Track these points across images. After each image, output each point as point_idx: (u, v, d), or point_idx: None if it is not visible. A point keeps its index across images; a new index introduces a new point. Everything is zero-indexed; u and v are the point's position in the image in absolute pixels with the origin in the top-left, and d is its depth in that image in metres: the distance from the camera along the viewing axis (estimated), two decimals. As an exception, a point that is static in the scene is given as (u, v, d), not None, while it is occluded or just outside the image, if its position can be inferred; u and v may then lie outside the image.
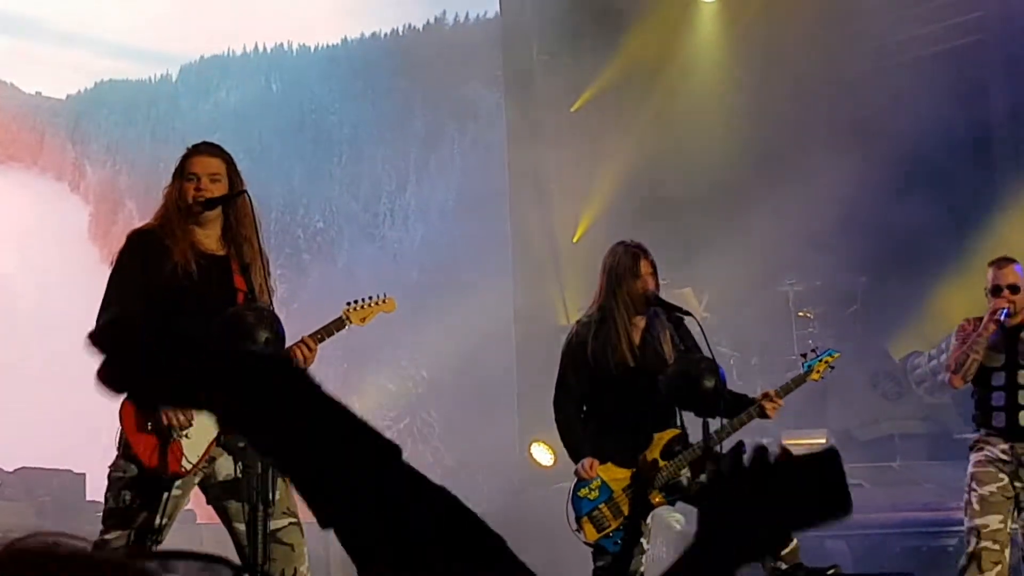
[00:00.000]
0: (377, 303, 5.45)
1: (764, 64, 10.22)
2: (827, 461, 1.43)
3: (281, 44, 12.51)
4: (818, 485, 1.44)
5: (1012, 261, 6.58)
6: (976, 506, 6.25)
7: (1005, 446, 6.34)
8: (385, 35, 13.19)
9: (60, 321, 8.82)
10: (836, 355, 6.41)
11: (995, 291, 6.29)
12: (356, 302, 5.46)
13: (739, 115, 10.12)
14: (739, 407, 5.84)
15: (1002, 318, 6.24)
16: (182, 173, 4.95)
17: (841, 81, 10.57)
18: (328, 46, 12.81)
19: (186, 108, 11.96)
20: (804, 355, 6.55)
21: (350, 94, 12.99)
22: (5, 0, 10.14)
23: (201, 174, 4.96)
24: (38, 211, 10.69)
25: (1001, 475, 6.29)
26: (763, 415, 5.89)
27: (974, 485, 6.29)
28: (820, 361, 6.31)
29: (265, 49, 12.47)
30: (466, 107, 12.20)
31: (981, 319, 6.38)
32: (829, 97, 10.24)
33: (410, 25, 13.10)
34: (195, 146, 5.10)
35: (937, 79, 9.77)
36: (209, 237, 5.01)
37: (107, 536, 4.66)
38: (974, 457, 6.40)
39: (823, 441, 9.12)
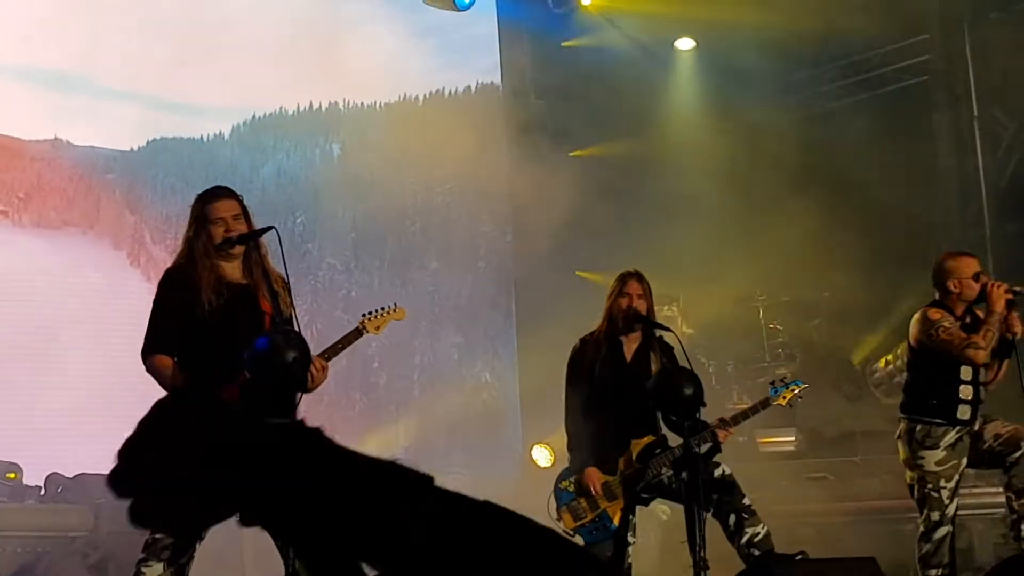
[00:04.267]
0: (389, 312, 5.55)
1: (736, 103, 10.28)
2: None
3: (336, 102, 10.13)
4: None
5: (971, 254, 6.46)
6: (945, 500, 6.07)
7: (953, 434, 6.14)
8: (451, 93, 10.64)
9: (114, 328, 8.58)
10: (803, 386, 6.44)
11: (976, 278, 6.10)
12: (371, 313, 5.57)
13: (715, 153, 10.19)
14: (702, 426, 5.73)
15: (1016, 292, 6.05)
16: (208, 219, 5.02)
17: (806, 117, 10.66)
18: (387, 104, 10.32)
19: (247, 172, 9.77)
20: (773, 383, 6.54)
21: (455, 167, 10.08)
22: (48, 53, 9.21)
23: (226, 216, 5.05)
24: (99, 285, 9.18)
25: (963, 460, 6.13)
26: (715, 439, 5.78)
27: (941, 483, 6.07)
28: (787, 389, 6.36)
29: (320, 107, 10.10)
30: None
31: (945, 307, 6.13)
32: (794, 131, 10.30)
33: (490, 82, 10.76)
34: (211, 192, 5.19)
35: (888, 115, 9.90)
36: (234, 269, 5.09)
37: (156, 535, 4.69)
38: (933, 455, 6.14)
39: (792, 439, 9.18)
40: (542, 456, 8.98)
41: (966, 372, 6.10)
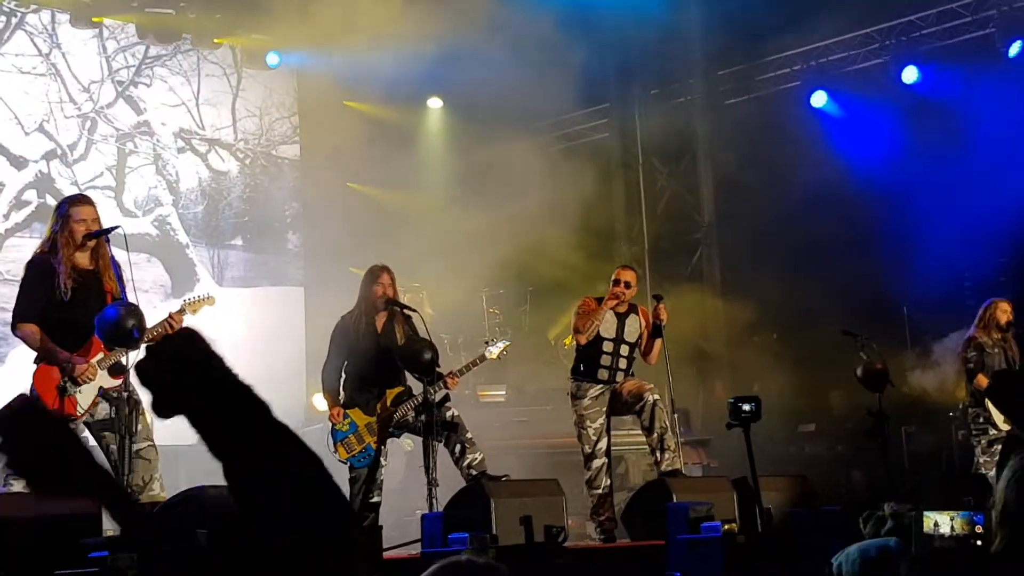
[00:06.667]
0: (203, 300, 5.67)
1: (474, 148, 10.54)
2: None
3: (190, 140, 10.09)
4: None
5: (631, 267, 6.90)
6: (593, 436, 6.49)
7: (596, 389, 6.59)
8: (269, 135, 10.59)
9: None
10: (508, 343, 6.89)
11: (615, 283, 6.55)
12: (191, 299, 5.83)
13: (457, 184, 10.48)
14: (437, 377, 6.10)
15: (615, 290, 6.49)
16: (72, 219, 5.22)
17: (526, 160, 11.26)
18: (230, 142, 10.30)
19: (115, 185, 9.78)
20: (487, 342, 6.91)
21: (271, 190, 10.40)
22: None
23: (87, 219, 5.28)
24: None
25: (603, 409, 6.60)
26: (446, 386, 6.10)
27: (587, 423, 6.50)
28: (498, 348, 6.75)
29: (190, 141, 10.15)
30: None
31: (600, 299, 6.59)
32: (518, 169, 10.83)
33: (295, 128, 10.96)
34: (77, 198, 5.43)
35: (581, 160, 10.78)
36: (84, 258, 5.32)
37: None
38: (582, 403, 6.57)
39: (503, 392, 9.49)
40: (321, 402, 9.11)
41: (608, 346, 6.65)
